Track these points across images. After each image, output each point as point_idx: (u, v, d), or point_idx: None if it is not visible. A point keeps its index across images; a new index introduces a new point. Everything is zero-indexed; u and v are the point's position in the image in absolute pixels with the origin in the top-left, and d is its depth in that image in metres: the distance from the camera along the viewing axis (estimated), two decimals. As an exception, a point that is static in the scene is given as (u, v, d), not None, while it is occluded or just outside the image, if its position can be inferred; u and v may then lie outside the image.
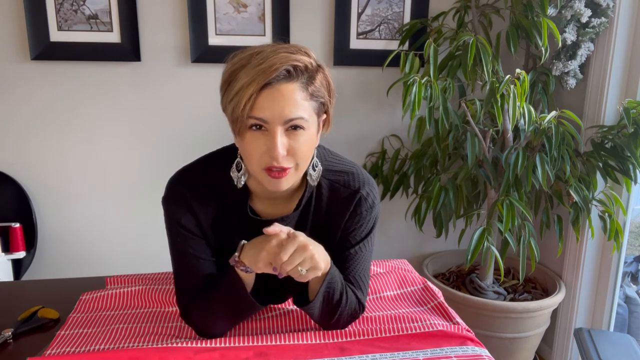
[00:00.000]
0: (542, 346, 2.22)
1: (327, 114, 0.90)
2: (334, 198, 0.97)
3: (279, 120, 0.80)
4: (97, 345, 0.96)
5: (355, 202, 0.97)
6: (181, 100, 2.04)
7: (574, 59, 1.85)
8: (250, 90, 0.79)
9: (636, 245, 2.26)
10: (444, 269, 2.30)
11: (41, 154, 2.01)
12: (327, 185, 0.97)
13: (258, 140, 0.82)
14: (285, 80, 0.80)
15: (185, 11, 1.95)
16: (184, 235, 0.95)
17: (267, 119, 0.80)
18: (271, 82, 0.80)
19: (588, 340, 1.42)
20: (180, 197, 0.94)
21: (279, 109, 0.80)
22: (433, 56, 1.73)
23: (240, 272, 0.92)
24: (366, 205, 0.98)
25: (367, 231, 1.00)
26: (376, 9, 2.05)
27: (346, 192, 0.97)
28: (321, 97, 0.85)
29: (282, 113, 0.80)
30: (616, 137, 1.77)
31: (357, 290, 1.02)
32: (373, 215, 1.00)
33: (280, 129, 0.81)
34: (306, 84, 0.82)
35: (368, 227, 1.00)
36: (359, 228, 0.99)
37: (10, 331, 1.00)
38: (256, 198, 0.97)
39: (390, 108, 2.17)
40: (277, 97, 0.79)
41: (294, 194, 0.98)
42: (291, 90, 0.80)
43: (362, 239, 1.01)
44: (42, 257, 2.09)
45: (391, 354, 0.96)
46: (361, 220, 0.99)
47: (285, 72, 0.80)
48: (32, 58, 1.89)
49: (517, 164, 1.72)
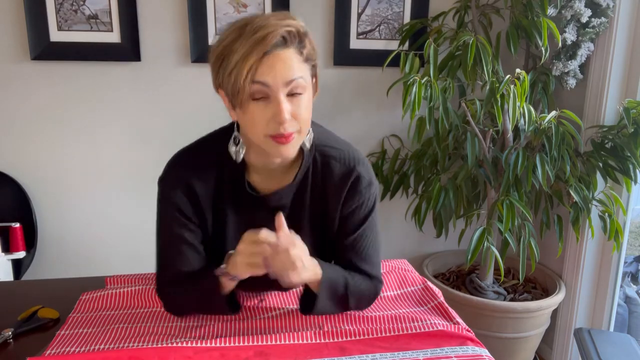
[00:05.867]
0: (542, 346, 2.22)
1: (315, 78, 0.92)
2: (329, 174, 0.98)
3: (282, 82, 0.83)
4: (97, 345, 0.96)
5: (352, 180, 0.98)
6: (181, 100, 2.04)
7: (574, 59, 1.85)
8: (251, 60, 0.81)
9: (636, 245, 2.26)
10: (444, 269, 2.30)
11: (41, 154, 2.01)
12: (321, 160, 0.98)
13: (262, 109, 0.84)
14: (282, 47, 0.83)
15: (185, 11, 1.95)
16: (174, 216, 0.97)
17: (270, 83, 0.82)
18: (269, 50, 0.82)
19: (588, 340, 1.42)
20: (176, 178, 0.97)
21: (280, 72, 0.82)
22: (433, 56, 1.73)
23: (225, 280, 0.94)
24: (364, 183, 0.98)
25: (369, 210, 1.01)
26: (376, 9, 2.05)
27: (341, 168, 0.98)
28: (313, 60, 0.89)
29: (283, 76, 0.82)
30: (616, 137, 1.77)
31: (370, 269, 1.02)
32: (372, 193, 1.00)
33: (282, 94, 0.83)
34: (299, 48, 0.86)
35: (369, 205, 1.00)
36: (360, 208, 0.99)
37: (10, 331, 1.00)
38: (253, 172, 0.98)
39: (390, 108, 2.17)
40: (277, 62, 0.82)
41: (291, 168, 0.99)
42: (288, 55, 0.83)
43: (365, 218, 1.01)
44: (42, 257, 2.09)
45: (391, 354, 0.96)
46: (361, 198, 0.99)
47: (281, 38, 0.83)
48: (32, 58, 1.89)
49: (517, 164, 1.72)
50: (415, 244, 2.36)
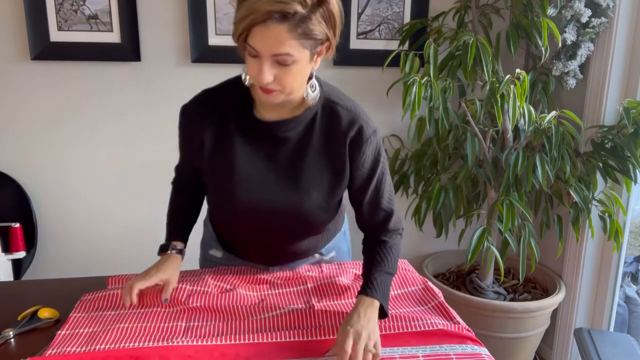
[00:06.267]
0: (542, 346, 2.22)
1: (329, 42, 0.95)
2: (336, 118, 1.05)
3: (267, 54, 0.89)
4: (97, 345, 0.96)
5: (358, 127, 1.04)
6: (181, 100, 2.01)
7: (574, 59, 1.85)
8: (244, 24, 0.88)
9: (636, 245, 2.26)
10: (444, 269, 2.30)
11: (41, 154, 2.01)
12: (329, 106, 1.05)
13: (253, 64, 0.92)
14: (277, 22, 0.87)
15: (185, 11, 1.95)
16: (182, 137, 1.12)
17: (259, 50, 0.89)
18: (265, 21, 0.87)
19: (588, 340, 1.42)
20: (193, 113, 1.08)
21: (268, 44, 0.88)
22: (433, 56, 1.73)
23: None
24: (369, 130, 1.05)
25: (377, 155, 1.07)
26: (376, 9, 2.05)
27: (348, 115, 1.05)
28: (315, 34, 0.90)
29: (271, 48, 0.89)
30: (616, 137, 1.77)
31: (392, 215, 1.11)
32: (378, 140, 1.08)
33: (268, 60, 0.90)
34: (296, 25, 0.88)
35: (376, 150, 1.07)
36: (371, 155, 1.06)
37: (11, 331, 1.00)
38: (261, 107, 1.05)
39: (390, 108, 2.17)
40: (267, 34, 0.87)
41: (297, 108, 1.04)
42: (281, 30, 0.87)
43: (376, 163, 1.08)
44: (42, 257, 2.09)
45: (390, 349, 0.96)
46: (371, 144, 1.05)
47: (277, 15, 0.86)
48: (32, 58, 1.89)
49: (517, 164, 1.72)
50: (415, 244, 2.36)
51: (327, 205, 1.09)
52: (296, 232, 1.14)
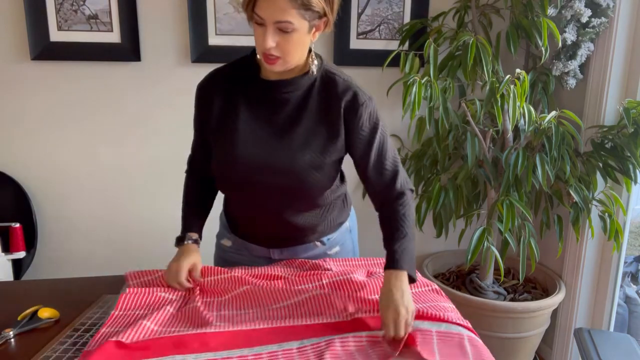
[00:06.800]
0: (542, 346, 2.22)
1: (327, 18, 1.07)
2: (333, 86, 1.14)
3: (271, 20, 1.01)
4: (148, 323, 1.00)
5: (352, 93, 1.13)
6: (181, 100, 2.04)
7: (574, 59, 1.85)
8: None
9: (636, 245, 2.26)
10: (444, 269, 2.30)
11: (41, 154, 2.01)
12: (327, 76, 1.15)
13: (259, 32, 1.04)
14: None
15: (185, 11, 1.95)
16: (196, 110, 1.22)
17: (263, 17, 1.01)
18: None
19: (588, 340, 1.42)
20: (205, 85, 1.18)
21: (272, 12, 1.00)
22: (433, 56, 1.73)
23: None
24: (363, 96, 1.14)
25: (375, 120, 1.15)
26: (376, 9, 2.05)
27: (343, 84, 1.14)
28: (313, 6, 1.02)
29: (274, 16, 1.00)
30: (616, 137, 1.77)
31: (398, 174, 1.18)
32: (374, 106, 1.16)
33: (272, 27, 1.02)
34: None
35: (374, 115, 1.15)
36: (368, 118, 1.14)
37: (11, 331, 1.01)
38: (265, 73, 1.16)
39: (390, 108, 2.17)
40: (271, 4, 1.00)
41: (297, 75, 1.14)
42: (283, 0, 0.99)
43: (376, 127, 1.15)
44: (42, 257, 2.09)
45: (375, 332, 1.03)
46: (367, 108, 1.13)
47: None
48: (32, 58, 1.89)
49: (517, 164, 1.72)
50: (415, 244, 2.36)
51: (321, 163, 1.14)
52: (294, 194, 1.18)
